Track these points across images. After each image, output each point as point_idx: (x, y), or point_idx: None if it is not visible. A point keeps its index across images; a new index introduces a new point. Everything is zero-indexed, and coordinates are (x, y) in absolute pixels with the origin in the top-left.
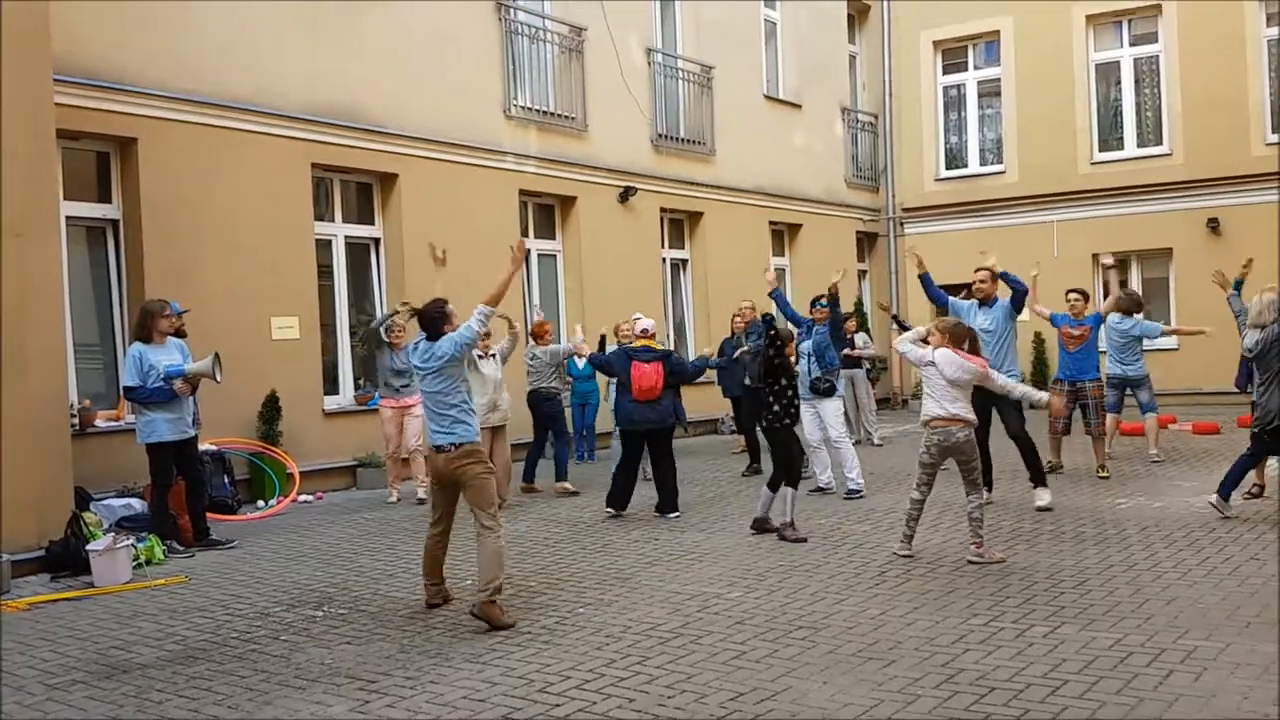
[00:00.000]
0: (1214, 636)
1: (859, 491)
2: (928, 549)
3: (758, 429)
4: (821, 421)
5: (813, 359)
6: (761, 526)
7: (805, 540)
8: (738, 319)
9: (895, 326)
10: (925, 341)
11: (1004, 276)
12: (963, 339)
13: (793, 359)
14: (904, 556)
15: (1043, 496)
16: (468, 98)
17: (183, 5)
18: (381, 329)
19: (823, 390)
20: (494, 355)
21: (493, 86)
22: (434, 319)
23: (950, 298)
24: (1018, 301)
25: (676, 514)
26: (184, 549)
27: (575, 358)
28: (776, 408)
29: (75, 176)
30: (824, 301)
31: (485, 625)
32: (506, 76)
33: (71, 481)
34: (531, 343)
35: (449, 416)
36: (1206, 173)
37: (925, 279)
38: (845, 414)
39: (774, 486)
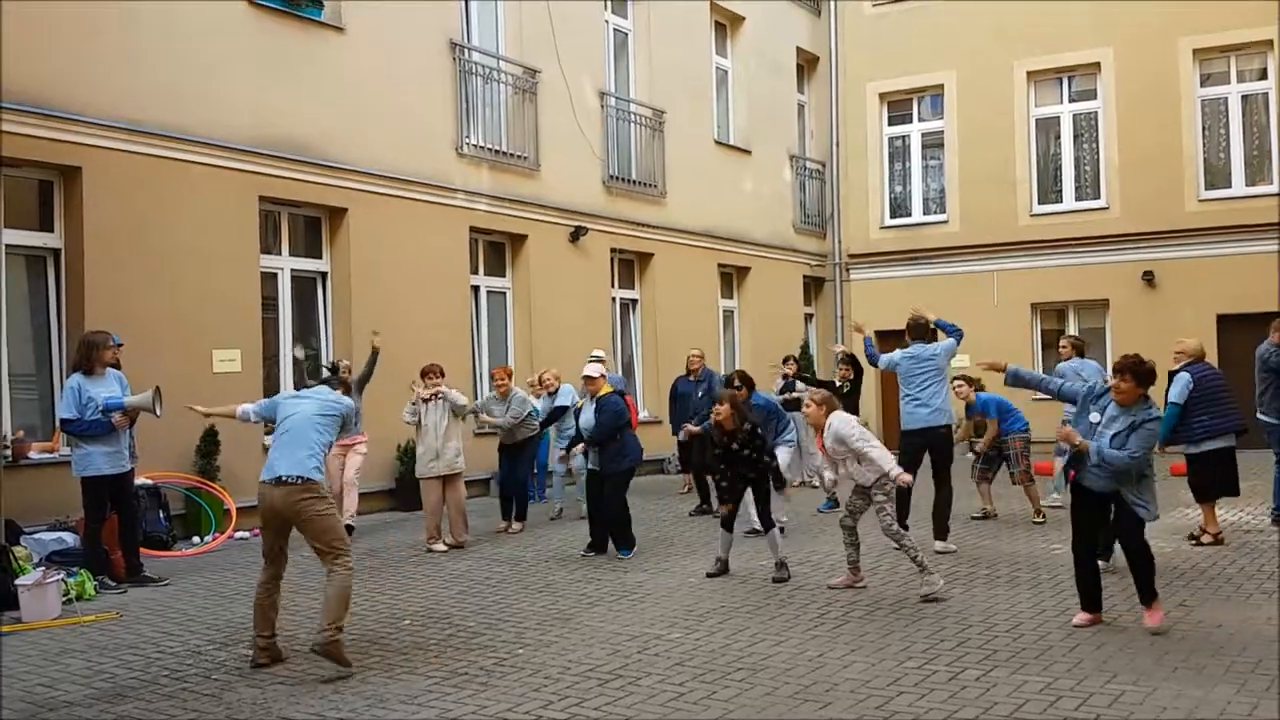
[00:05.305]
0: (1141, 681)
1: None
2: (866, 591)
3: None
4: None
5: None
6: (723, 568)
7: (786, 581)
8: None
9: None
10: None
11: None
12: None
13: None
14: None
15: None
16: (420, 135)
17: (132, 35)
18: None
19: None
20: (442, 399)
21: (445, 124)
22: (334, 383)
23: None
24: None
25: (630, 552)
26: (116, 585)
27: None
28: (754, 456)
29: (17, 204)
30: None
31: (419, 666)
32: (459, 115)
33: (2, 514)
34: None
35: (307, 451)
36: (1142, 226)
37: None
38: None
39: (729, 527)
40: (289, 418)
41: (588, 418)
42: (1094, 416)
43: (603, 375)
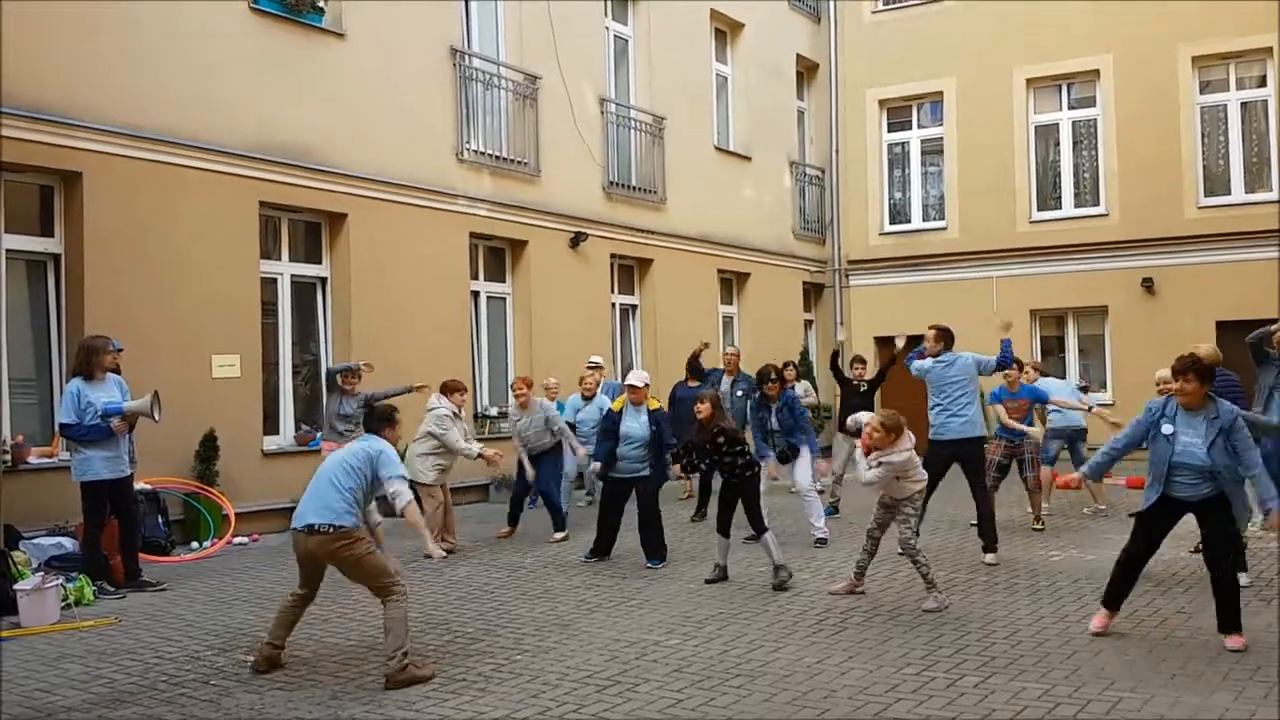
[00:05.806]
0: (1139, 688)
1: (824, 540)
2: (865, 597)
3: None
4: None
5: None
6: (722, 574)
7: (787, 584)
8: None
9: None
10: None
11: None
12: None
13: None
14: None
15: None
16: (420, 140)
17: (133, 40)
18: (337, 374)
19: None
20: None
21: (446, 130)
22: (382, 419)
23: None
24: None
25: (662, 563)
26: (115, 590)
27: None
28: (740, 462)
29: (17, 209)
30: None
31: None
32: (460, 121)
33: (1, 519)
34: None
35: (334, 495)
36: (1141, 233)
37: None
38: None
39: (725, 532)
40: (322, 466)
41: (631, 426)
42: (1166, 429)
43: (645, 385)
